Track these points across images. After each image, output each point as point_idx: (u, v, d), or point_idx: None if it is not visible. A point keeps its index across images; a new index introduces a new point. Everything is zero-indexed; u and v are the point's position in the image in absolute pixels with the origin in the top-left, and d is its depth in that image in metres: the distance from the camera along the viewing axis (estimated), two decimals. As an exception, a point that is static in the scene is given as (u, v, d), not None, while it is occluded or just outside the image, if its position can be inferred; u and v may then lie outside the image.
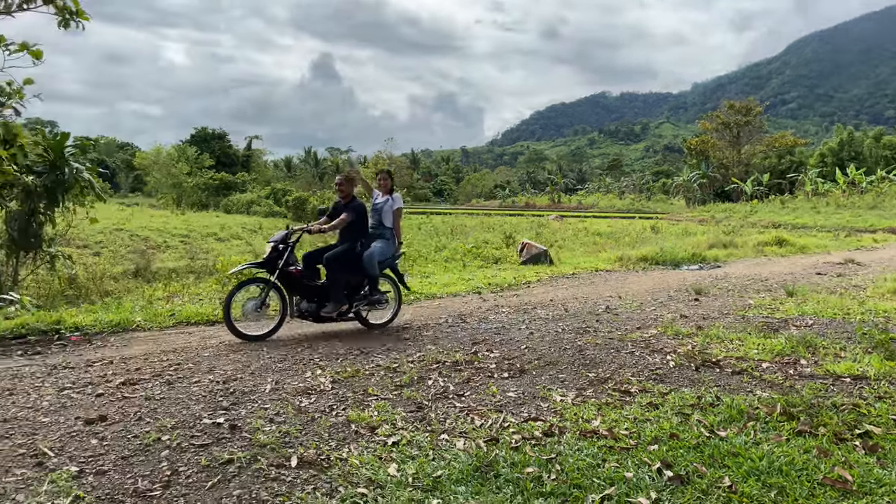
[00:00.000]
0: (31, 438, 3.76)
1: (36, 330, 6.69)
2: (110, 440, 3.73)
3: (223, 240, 25.95)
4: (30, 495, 3.04)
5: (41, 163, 10.86)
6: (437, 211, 48.67)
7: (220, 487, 3.17)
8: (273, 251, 6.58)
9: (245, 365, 5.44)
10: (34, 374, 5.17)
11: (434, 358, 5.66)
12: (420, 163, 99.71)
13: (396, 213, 7.44)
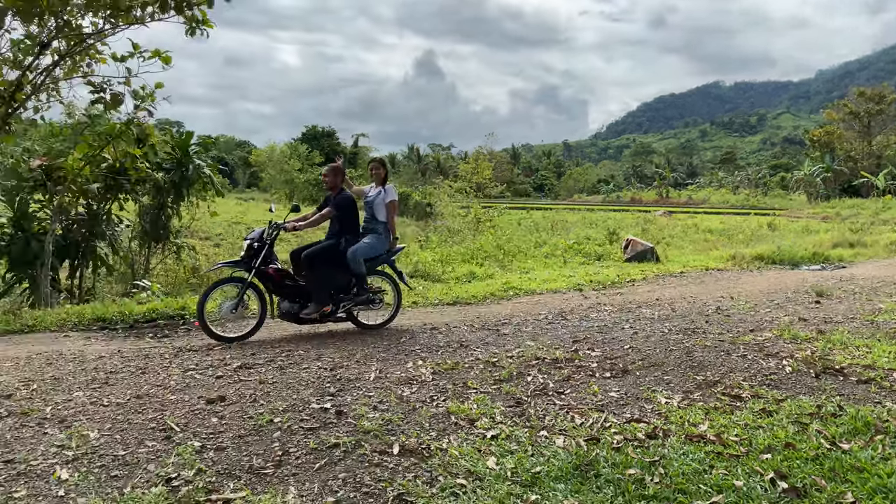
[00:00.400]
0: (160, 413, 4.10)
1: (164, 315, 7.27)
2: (228, 419, 4.00)
3: (330, 233, 26.89)
4: (159, 465, 3.32)
5: (169, 160, 11.76)
6: (537, 206, 48.19)
7: (327, 469, 3.32)
8: (249, 249, 6.30)
9: (350, 353, 5.65)
10: (163, 355, 5.63)
11: (533, 354, 5.63)
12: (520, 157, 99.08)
13: (390, 206, 6.85)
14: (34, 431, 3.80)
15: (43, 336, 6.66)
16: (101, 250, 10.66)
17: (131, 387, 4.68)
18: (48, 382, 4.80)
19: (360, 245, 6.63)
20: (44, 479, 3.17)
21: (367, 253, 6.65)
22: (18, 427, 3.87)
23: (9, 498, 2.96)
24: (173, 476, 3.19)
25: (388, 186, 6.99)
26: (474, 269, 12.37)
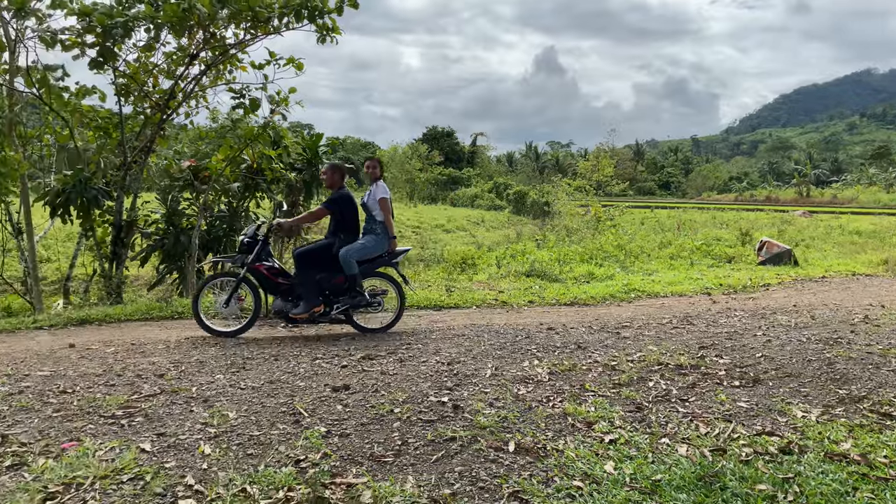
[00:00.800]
0: (290, 399, 4.37)
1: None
2: (352, 407, 4.19)
3: (449, 231, 27.39)
4: (289, 447, 3.55)
5: (300, 161, 12.46)
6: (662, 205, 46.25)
7: (444, 462, 3.39)
8: (241, 245, 6.46)
9: (467, 349, 5.73)
10: (293, 344, 5.99)
11: (656, 359, 5.42)
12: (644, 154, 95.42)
13: (381, 203, 6.67)
14: (182, 409, 4.18)
15: (189, 322, 7.30)
16: (239, 245, 11.52)
17: (265, 372, 5.02)
18: (194, 365, 5.26)
19: (353, 245, 6.53)
20: (190, 453, 3.48)
21: (359, 254, 6.53)
22: (169, 404, 4.27)
23: (161, 467, 3.28)
24: (301, 458, 3.40)
25: (380, 183, 6.85)
26: (593, 269, 12.10)
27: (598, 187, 30.62)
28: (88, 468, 3.23)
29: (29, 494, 2.98)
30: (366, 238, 6.68)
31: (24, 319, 7.56)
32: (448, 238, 24.74)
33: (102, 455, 3.41)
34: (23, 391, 4.56)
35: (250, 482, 3.11)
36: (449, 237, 25.38)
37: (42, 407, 4.23)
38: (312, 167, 12.29)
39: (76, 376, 4.93)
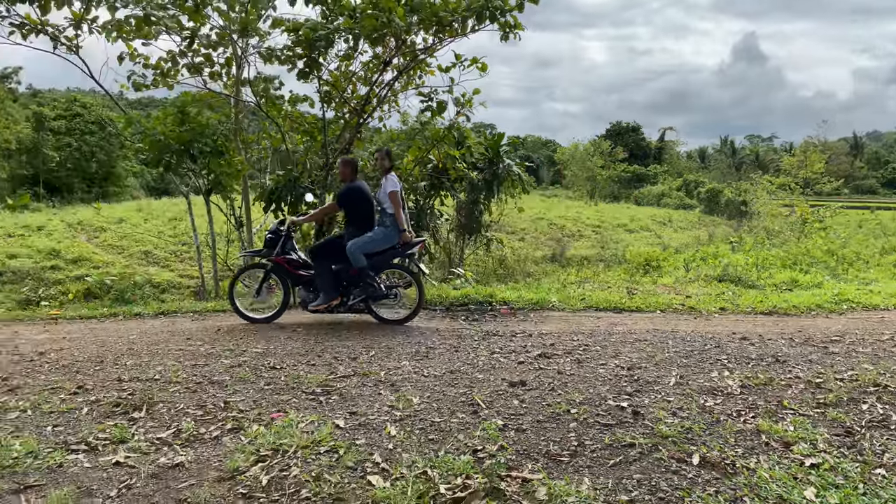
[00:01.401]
0: (469, 390, 4.51)
1: (475, 300, 7.95)
2: (528, 403, 4.23)
3: (632, 231, 26.38)
4: (467, 436, 3.67)
5: (483, 160, 12.76)
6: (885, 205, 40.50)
7: (622, 467, 3.30)
8: (267, 241, 6.92)
9: (650, 355, 5.49)
10: (472, 337, 6.17)
11: (872, 379, 4.78)
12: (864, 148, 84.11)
13: (391, 196, 6.71)
14: (371, 391, 4.51)
15: (379, 312, 7.81)
16: (425, 240, 12.11)
17: (446, 362, 5.24)
18: (383, 350, 5.64)
19: (360, 238, 6.69)
20: (378, 432, 3.74)
21: (366, 247, 6.67)
22: (360, 386, 4.63)
23: (352, 443, 3.57)
24: (479, 448, 3.50)
25: (390, 176, 6.92)
26: (797, 276, 10.97)
27: (805, 185, 27.64)
28: (292, 437, 3.61)
29: (244, 455, 3.41)
30: (374, 231, 6.81)
31: (243, 302, 8.61)
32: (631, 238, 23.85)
33: (304, 427, 3.80)
34: (241, 364, 5.21)
35: (431, 466, 3.27)
36: (632, 237, 24.46)
37: (256, 379, 4.80)
38: (494, 166, 12.54)
39: (284, 354, 5.53)
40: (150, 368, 5.14)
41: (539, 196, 45.93)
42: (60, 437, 3.74)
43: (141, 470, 3.29)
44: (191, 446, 3.59)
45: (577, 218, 26.95)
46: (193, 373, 4.99)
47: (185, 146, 10.27)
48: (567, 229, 23.98)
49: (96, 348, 5.93)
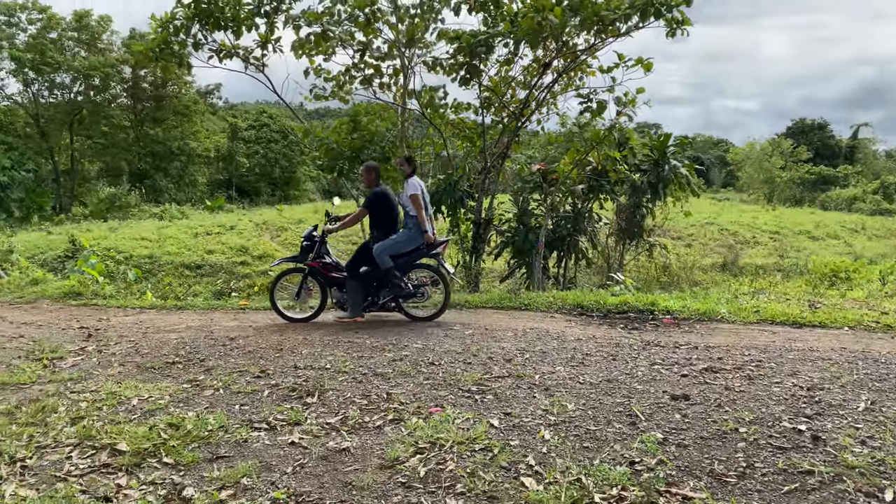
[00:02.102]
0: (626, 400, 4.37)
1: (634, 308, 7.66)
2: (691, 418, 4.00)
3: (817, 238, 23.97)
4: (624, 447, 3.56)
5: (646, 162, 12.27)
6: None
7: (797, 495, 3.01)
8: (305, 247, 7.25)
9: (834, 376, 4.95)
10: (631, 346, 5.96)
11: None
12: None
13: (413, 200, 6.99)
14: (526, 393, 4.52)
15: (534, 314, 7.82)
16: (582, 244, 11.89)
17: (603, 370, 5.11)
18: (537, 354, 5.63)
19: (385, 241, 7.01)
20: (531, 435, 3.75)
21: (391, 249, 6.99)
22: (514, 387, 4.66)
23: (506, 444, 3.61)
24: (636, 460, 3.38)
25: (410, 181, 7.13)
26: None
27: None
28: (449, 432, 3.73)
29: (404, 446, 3.58)
30: (398, 233, 7.14)
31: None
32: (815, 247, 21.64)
33: (460, 423, 3.90)
34: (402, 359, 5.47)
35: (585, 474, 3.21)
36: (816, 245, 22.18)
37: (416, 374, 5.02)
38: (658, 168, 12.00)
39: (441, 352, 5.72)
40: (322, 358, 5.56)
41: (709, 199, 43.12)
42: (246, 415, 4.17)
43: (312, 451, 3.58)
44: (356, 433, 3.84)
45: (753, 223, 24.94)
46: (360, 364, 5.33)
47: (355, 153, 10.97)
48: (740, 235, 22.30)
49: (277, 337, 6.54)
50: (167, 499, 3.04)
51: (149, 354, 5.89)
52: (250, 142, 50.71)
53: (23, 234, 22.86)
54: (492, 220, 11.33)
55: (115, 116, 42.20)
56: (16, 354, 5.97)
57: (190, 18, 10.24)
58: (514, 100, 11.59)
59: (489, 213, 11.26)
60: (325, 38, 10.66)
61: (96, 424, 3.96)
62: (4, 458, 3.48)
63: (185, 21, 10.27)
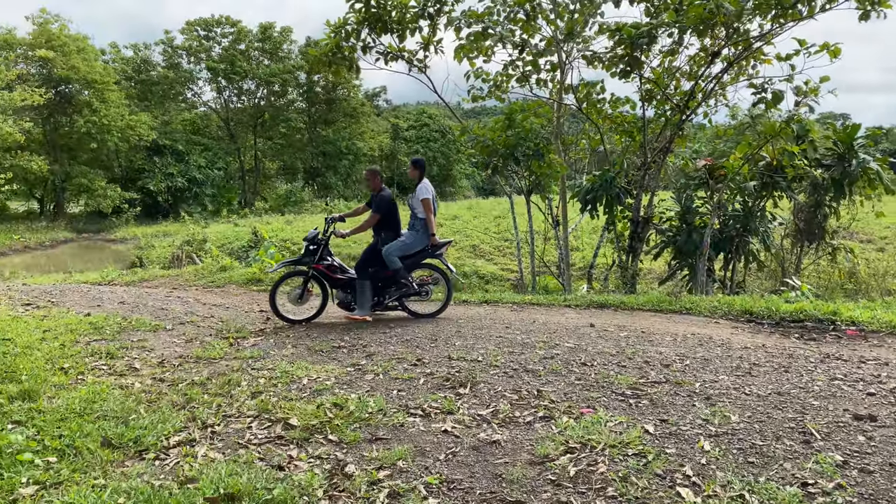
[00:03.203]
0: (799, 415, 4.00)
1: (812, 317, 6.98)
2: (878, 442, 3.58)
3: None
4: (796, 467, 3.27)
5: (830, 156, 11.09)
6: None
7: None
8: (309, 250, 7.21)
9: None
10: (807, 358, 5.44)
11: None
12: None
13: (424, 203, 7.23)
14: (684, 401, 4.30)
15: (696, 319, 7.40)
16: (753, 246, 11.01)
17: (773, 382, 4.72)
18: (698, 361, 5.33)
19: (394, 243, 7.19)
20: (689, 445, 3.57)
21: (400, 250, 7.19)
22: (672, 394, 4.45)
23: (662, 451, 3.47)
24: (809, 481, 3.10)
25: (421, 185, 7.34)
26: None
27: None
28: (600, 434, 3.65)
29: (554, 444, 3.57)
30: (406, 235, 7.32)
31: (557, 297, 8.96)
32: None
33: (612, 426, 3.81)
34: (554, 357, 5.44)
35: (749, 490, 3.00)
36: None
37: (567, 373, 4.97)
38: (844, 163, 10.80)
39: (594, 353, 5.60)
40: (474, 351, 5.69)
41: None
42: (402, 400, 4.39)
43: (464, 441, 3.68)
44: (506, 427, 3.89)
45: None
46: (511, 359, 5.38)
47: (510, 150, 11.04)
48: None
49: (431, 328, 6.79)
50: (332, 473, 3.29)
51: (317, 338, 6.39)
52: (411, 141, 52.91)
53: (214, 226, 25.66)
54: (651, 218, 10.86)
55: (293, 119, 45.99)
56: (208, 332, 6.74)
57: (360, 23, 10.90)
58: (678, 92, 11.02)
59: (648, 210, 10.81)
60: (485, 37, 10.84)
61: (272, 399, 4.37)
62: (198, 423, 3.96)
63: (356, 25, 10.95)
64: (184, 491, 2.97)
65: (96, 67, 33.68)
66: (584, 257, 17.67)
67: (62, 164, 33.39)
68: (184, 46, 41.94)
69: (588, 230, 20.54)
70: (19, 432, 3.56)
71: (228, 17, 42.74)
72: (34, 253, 24.39)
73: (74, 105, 33.09)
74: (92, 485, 3.05)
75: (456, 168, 54.70)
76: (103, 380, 4.82)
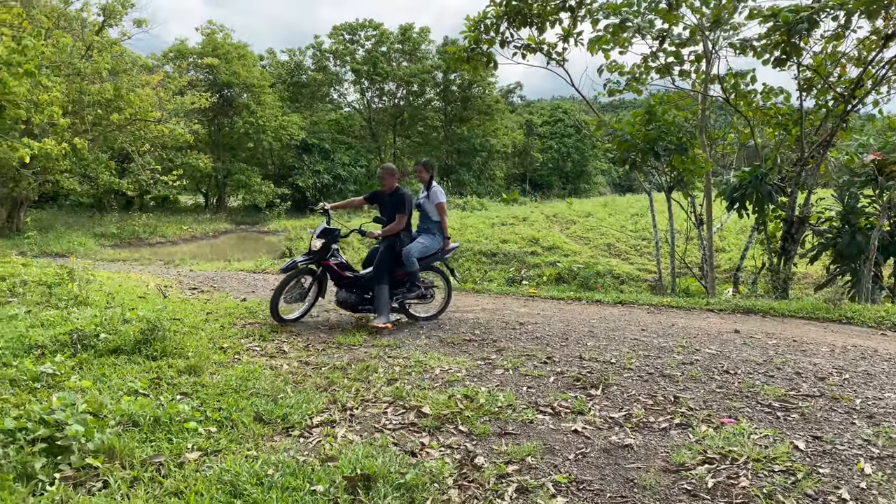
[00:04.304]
0: None
1: None
2: None
3: None
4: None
5: None
6: None
7: None
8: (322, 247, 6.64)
9: None
10: None
11: None
12: None
13: (440, 207, 7.07)
14: (842, 418, 3.93)
15: (858, 330, 6.72)
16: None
17: (952, 404, 4.19)
18: (860, 376, 4.85)
19: (415, 245, 6.88)
20: (847, 466, 3.26)
21: (420, 252, 6.89)
22: (827, 409, 4.09)
23: (814, 470, 3.20)
24: None
25: (435, 188, 7.07)
26: None
27: None
28: (743, 447, 3.44)
29: (691, 453, 3.41)
30: (424, 238, 7.02)
31: (699, 301, 8.51)
32: None
33: (757, 439, 3.57)
34: (693, 363, 5.18)
35: (919, 522, 2.70)
36: None
37: (707, 381, 4.71)
38: None
39: (738, 360, 5.27)
40: (607, 352, 5.55)
41: None
42: (532, 397, 4.38)
43: (594, 442, 3.61)
44: (639, 432, 3.76)
45: None
46: (646, 363, 5.19)
47: (650, 144, 10.62)
48: None
49: (563, 326, 6.71)
50: (461, 463, 3.36)
51: (450, 331, 6.54)
52: (545, 137, 52.39)
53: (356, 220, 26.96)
54: (808, 218, 9.97)
55: (429, 118, 47.21)
56: (348, 320, 7.13)
57: (499, 17, 10.96)
58: (842, 80, 10.02)
59: (804, 210, 9.94)
60: (623, 29, 10.49)
61: (406, 387, 4.54)
62: (338, 406, 4.20)
63: (496, 20, 11.02)
64: (325, 468, 3.17)
65: (254, 72, 36.56)
66: (730, 259, 16.61)
67: (224, 162, 36.64)
68: (331, 50, 44.37)
69: (735, 230, 19.27)
70: (186, 403, 3.98)
71: (372, 20, 44.63)
72: (199, 242, 26.98)
73: (235, 107, 36.15)
74: (245, 455, 3.34)
75: (591, 164, 53.44)
76: (256, 360, 5.26)
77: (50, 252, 16.60)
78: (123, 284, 9.27)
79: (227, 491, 2.91)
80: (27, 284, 8.09)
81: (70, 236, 20.05)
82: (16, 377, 4.19)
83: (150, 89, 20.67)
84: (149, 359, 5.00)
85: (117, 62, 20.77)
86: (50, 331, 5.56)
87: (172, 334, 5.49)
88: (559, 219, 24.92)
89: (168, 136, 22.28)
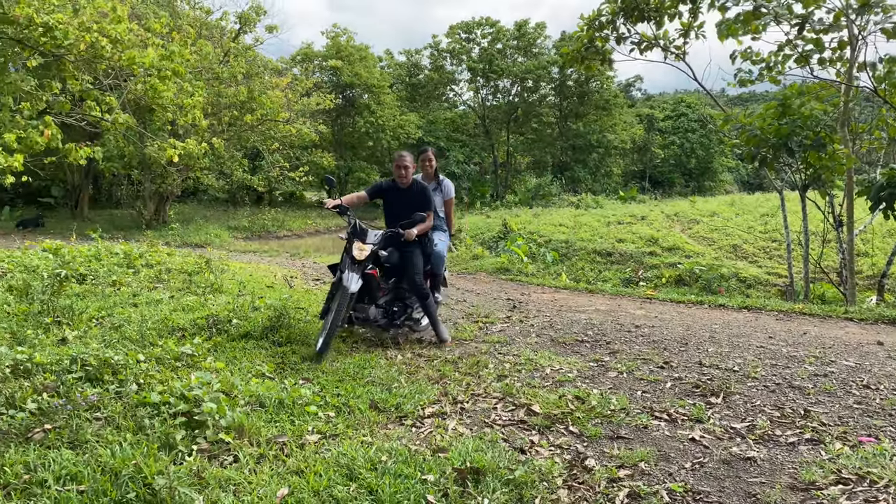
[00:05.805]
0: None
1: None
2: None
3: None
4: None
5: None
6: None
7: None
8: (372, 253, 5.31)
9: None
10: None
11: None
12: None
13: (447, 204, 6.38)
14: None
15: None
16: None
17: None
18: None
19: (442, 245, 6.17)
20: None
21: (443, 251, 6.20)
22: None
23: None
24: None
25: (446, 181, 6.43)
26: None
27: None
28: (884, 469, 3.15)
29: (823, 471, 3.16)
30: (440, 236, 6.23)
31: (836, 308, 7.85)
32: None
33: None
34: (827, 375, 4.80)
35: None
36: None
37: (843, 395, 4.35)
38: None
39: (881, 374, 4.81)
40: (729, 359, 5.26)
41: None
42: (647, 402, 4.24)
43: (713, 452, 3.44)
44: (764, 444, 3.54)
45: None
46: (773, 372, 4.87)
47: (783, 140, 9.92)
48: None
49: (682, 331, 6.43)
50: (571, 464, 3.32)
51: (561, 330, 6.46)
52: (666, 132, 50.25)
53: (469, 217, 27.24)
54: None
55: (544, 114, 46.68)
56: (460, 315, 7.23)
57: (615, 13, 10.64)
58: None
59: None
60: (757, 16, 9.83)
61: (516, 385, 4.54)
62: (449, 398, 4.28)
63: (611, 16, 10.72)
64: (435, 458, 3.25)
65: (375, 73, 37.85)
66: (874, 265, 15.16)
67: (346, 160, 38.24)
68: (448, 49, 44.99)
69: (881, 233, 17.55)
70: (307, 388, 4.21)
71: (489, 17, 44.75)
72: (322, 236, 28.32)
73: (356, 108, 37.61)
74: (361, 440, 3.49)
75: (717, 161, 50.57)
76: (372, 350, 5.46)
77: (190, 243, 18.08)
78: (253, 274, 9.93)
79: (343, 474, 3.06)
80: (171, 272, 8.87)
81: (207, 228, 21.73)
82: (161, 356, 4.62)
83: (279, 91, 21.94)
84: (275, 344, 5.34)
85: (251, 66, 22.24)
86: (189, 315, 6.08)
87: (297, 322, 5.83)
88: (681, 218, 23.80)
89: (295, 136, 23.57)
